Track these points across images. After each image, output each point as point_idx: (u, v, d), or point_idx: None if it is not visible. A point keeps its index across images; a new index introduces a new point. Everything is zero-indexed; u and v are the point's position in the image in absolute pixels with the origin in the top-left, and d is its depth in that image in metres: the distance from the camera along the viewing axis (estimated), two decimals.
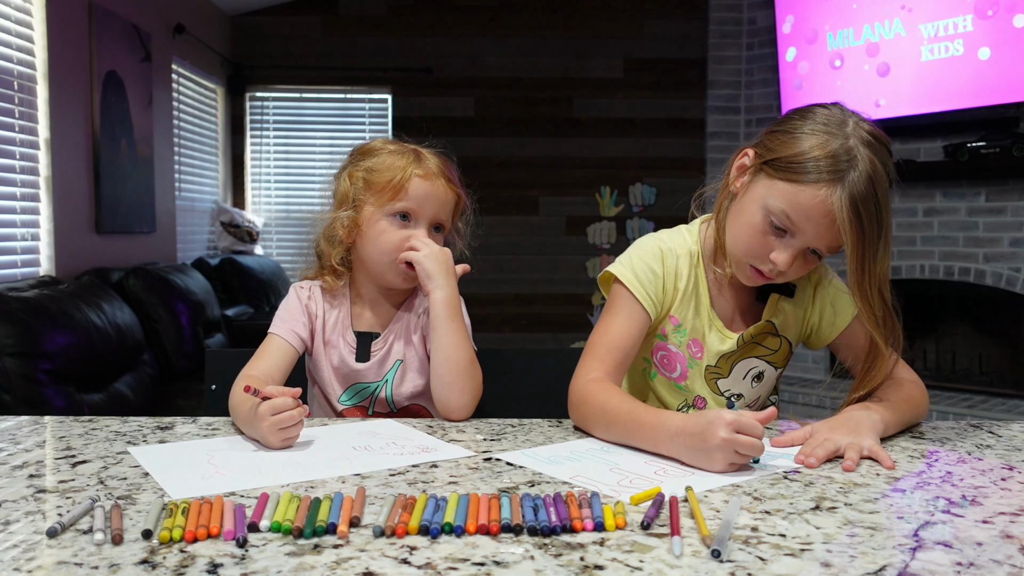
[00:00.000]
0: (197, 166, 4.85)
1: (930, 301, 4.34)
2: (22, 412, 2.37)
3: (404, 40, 5.26)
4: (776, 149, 1.16)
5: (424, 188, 1.31)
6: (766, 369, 1.32)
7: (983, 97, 3.78)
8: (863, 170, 1.10)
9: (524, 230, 5.36)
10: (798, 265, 1.18)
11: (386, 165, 1.32)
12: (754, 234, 1.17)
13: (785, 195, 1.13)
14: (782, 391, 4.30)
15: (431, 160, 1.35)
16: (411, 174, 1.30)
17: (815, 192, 1.10)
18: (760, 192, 1.16)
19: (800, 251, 1.15)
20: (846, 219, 1.09)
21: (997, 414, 3.78)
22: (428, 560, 0.69)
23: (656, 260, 1.27)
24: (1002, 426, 1.20)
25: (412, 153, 1.34)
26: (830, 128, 1.13)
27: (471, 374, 1.25)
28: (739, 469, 0.96)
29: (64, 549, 0.70)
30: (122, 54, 3.77)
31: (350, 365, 1.34)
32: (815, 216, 1.11)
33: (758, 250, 1.17)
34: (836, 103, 1.18)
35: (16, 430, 1.13)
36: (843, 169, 1.10)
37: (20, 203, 3.08)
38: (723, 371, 1.30)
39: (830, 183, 1.09)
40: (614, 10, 5.28)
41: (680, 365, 1.30)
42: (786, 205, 1.13)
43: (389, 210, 1.30)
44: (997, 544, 0.73)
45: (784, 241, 1.15)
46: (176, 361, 3.45)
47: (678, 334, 1.29)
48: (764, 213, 1.15)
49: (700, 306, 1.28)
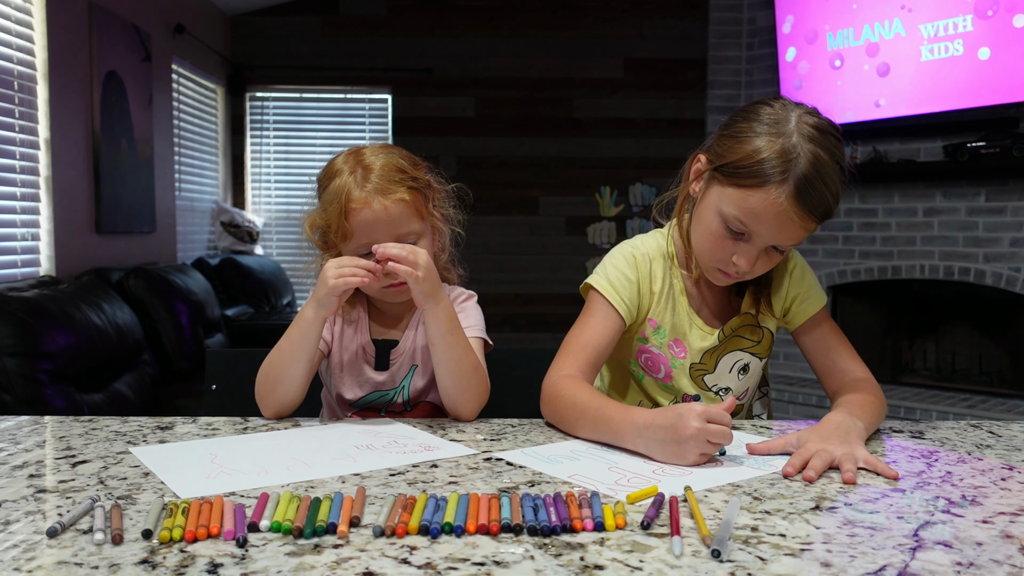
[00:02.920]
0: (197, 166, 4.85)
1: (930, 301, 4.35)
2: (22, 412, 2.37)
3: (404, 40, 5.26)
4: (724, 154, 1.17)
5: (364, 218, 1.23)
6: (751, 361, 1.34)
7: (983, 97, 3.78)
8: (807, 165, 1.10)
9: (524, 230, 5.36)
10: (762, 262, 1.20)
11: (327, 206, 1.26)
12: (714, 240, 1.19)
13: (736, 201, 1.15)
14: (782, 391, 4.33)
15: (372, 172, 1.25)
16: (348, 208, 1.23)
17: (764, 196, 1.12)
18: (714, 199, 1.19)
19: (760, 250, 1.18)
20: (795, 216, 1.11)
21: (997, 414, 3.78)
22: (428, 560, 0.69)
23: (629, 266, 1.29)
24: (1002, 426, 1.21)
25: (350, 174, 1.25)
26: (773, 128, 1.13)
27: (477, 380, 1.24)
28: (708, 461, 0.98)
29: (64, 549, 0.71)
30: (122, 54, 3.77)
31: (368, 375, 1.33)
32: (767, 218, 1.13)
33: (720, 254, 1.20)
34: (781, 98, 1.20)
35: (16, 430, 1.13)
36: (788, 169, 1.11)
37: (20, 203, 3.08)
38: (708, 367, 1.32)
39: (778, 184, 1.11)
40: (614, 10, 5.28)
41: (664, 366, 1.32)
42: (738, 211, 1.15)
43: (352, 251, 1.26)
44: (997, 544, 0.73)
45: (743, 244, 1.17)
46: (176, 361, 3.45)
47: (658, 336, 1.31)
48: (720, 219, 1.17)
49: (678, 306, 1.31)
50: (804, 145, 1.11)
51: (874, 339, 4.51)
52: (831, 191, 1.12)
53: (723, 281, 1.25)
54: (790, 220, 1.12)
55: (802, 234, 1.15)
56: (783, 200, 1.10)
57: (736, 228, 1.16)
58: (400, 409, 1.35)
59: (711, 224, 1.19)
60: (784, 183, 1.10)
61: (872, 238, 4.31)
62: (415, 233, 1.28)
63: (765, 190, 1.11)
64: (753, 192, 1.12)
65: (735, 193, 1.14)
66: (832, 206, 1.14)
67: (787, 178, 1.10)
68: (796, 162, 1.10)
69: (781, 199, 1.10)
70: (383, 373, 1.33)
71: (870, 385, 1.24)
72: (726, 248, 1.18)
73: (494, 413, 1.28)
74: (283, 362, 1.23)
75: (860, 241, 4.35)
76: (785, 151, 1.11)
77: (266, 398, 1.23)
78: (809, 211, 1.11)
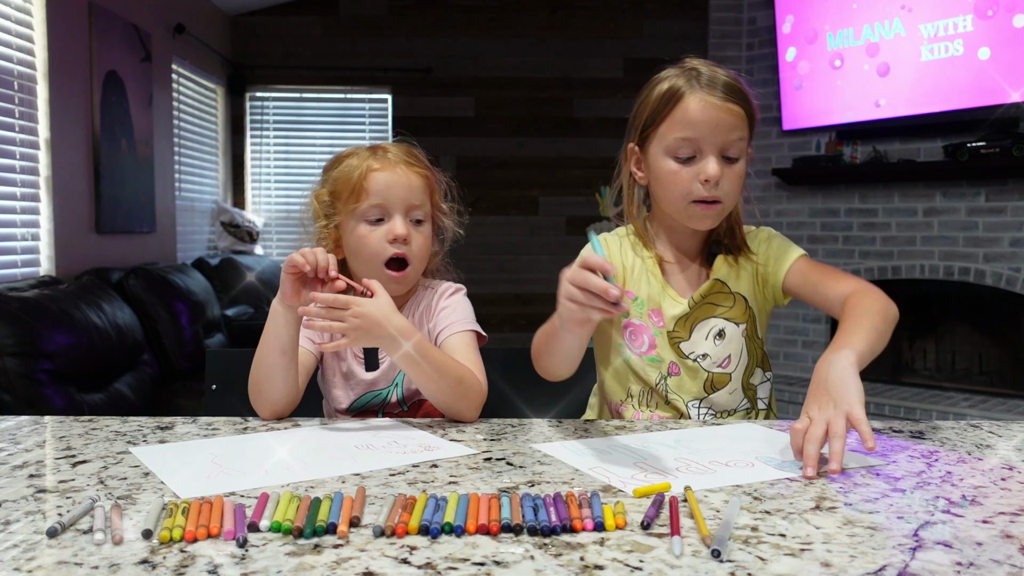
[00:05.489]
0: (197, 166, 4.85)
1: (930, 301, 4.34)
2: (22, 412, 2.37)
3: (404, 40, 5.26)
4: (641, 115, 1.32)
5: (385, 179, 1.28)
6: (726, 326, 1.36)
7: (983, 97, 3.78)
8: (704, 67, 1.28)
9: (524, 230, 5.36)
10: (728, 179, 1.27)
11: (345, 171, 1.30)
12: (675, 177, 1.28)
13: (668, 131, 1.27)
14: (782, 391, 4.33)
15: (390, 150, 1.33)
16: (367, 169, 1.28)
17: (684, 105, 1.26)
18: (656, 151, 1.30)
19: (717, 159, 1.26)
20: (718, 104, 1.24)
21: (997, 414, 3.78)
22: (428, 560, 0.69)
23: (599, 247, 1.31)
24: (1002, 426, 1.20)
25: (368, 151, 1.33)
26: (667, 71, 1.31)
27: (466, 389, 1.21)
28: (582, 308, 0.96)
29: (64, 549, 0.71)
30: (122, 54, 3.77)
31: (359, 376, 1.33)
32: (698, 121, 1.25)
33: (687, 184, 1.27)
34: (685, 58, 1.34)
35: (16, 430, 1.13)
36: (691, 77, 1.27)
37: (20, 203, 3.08)
38: (683, 334, 1.35)
39: (689, 90, 1.26)
40: (614, 10, 5.28)
41: (647, 336, 1.36)
42: (675, 134, 1.26)
43: (360, 214, 1.28)
44: (997, 544, 0.73)
45: (699, 162, 1.27)
46: (176, 361, 3.45)
47: (637, 306, 1.36)
48: (668, 158, 1.28)
49: (652, 278, 1.36)
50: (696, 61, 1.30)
51: None
52: (730, 76, 1.28)
53: (705, 215, 1.29)
54: (716, 110, 1.24)
55: (738, 123, 1.26)
56: (700, 96, 1.25)
57: (684, 153, 1.26)
58: (396, 409, 1.35)
59: (664, 167, 1.29)
60: (693, 86, 1.26)
61: (872, 238, 4.31)
62: (424, 214, 1.32)
63: (683, 102, 1.26)
64: (675, 111, 1.26)
65: (665, 127, 1.28)
66: (739, 87, 1.28)
67: (692, 80, 1.26)
68: (695, 71, 1.28)
69: (697, 95, 1.25)
70: (373, 373, 1.33)
71: (860, 294, 1.22)
72: (688, 176, 1.27)
73: (494, 413, 1.28)
74: (262, 360, 1.22)
75: (860, 241, 4.35)
76: (684, 72, 1.29)
77: (257, 399, 1.23)
78: (726, 95, 1.25)
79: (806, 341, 4.59)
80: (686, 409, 1.35)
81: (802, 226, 4.53)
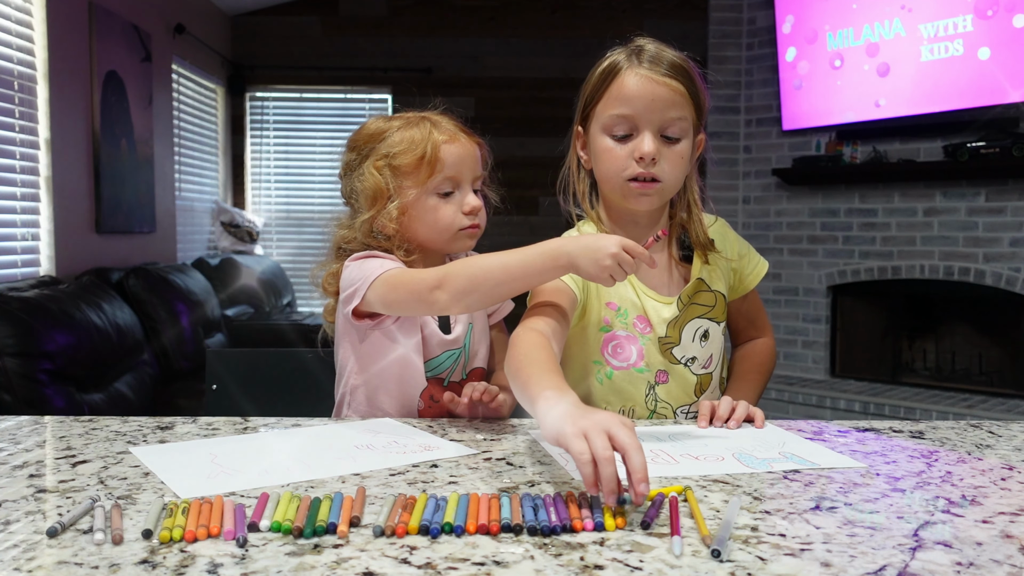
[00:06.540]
0: (197, 166, 4.85)
1: (930, 301, 4.35)
2: (22, 412, 2.37)
3: (404, 40, 5.26)
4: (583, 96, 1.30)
5: (455, 151, 1.27)
6: (709, 327, 1.35)
7: (983, 97, 3.78)
8: (644, 41, 1.25)
9: (524, 230, 5.34)
10: (668, 160, 1.24)
11: (407, 143, 1.26)
12: (611, 155, 1.25)
13: (606, 107, 1.24)
14: (782, 391, 4.33)
15: (443, 122, 1.31)
16: (438, 142, 1.26)
17: (621, 81, 1.23)
18: (596, 129, 1.27)
19: (654, 137, 1.22)
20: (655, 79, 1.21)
21: (997, 414, 3.78)
22: (428, 560, 0.69)
23: None
24: (1002, 426, 1.21)
25: (423, 121, 1.29)
26: (614, 49, 1.28)
27: None
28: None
29: (64, 549, 0.71)
30: (122, 54, 3.77)
31: (440, 335, 1.29)
32: (635, 97, 1.22)
33: (624, 161, 1.24)
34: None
35: (16, 430, 1.13)
36: (631, 52, 1.24)
37: (20, 203, 3.08)
38: (674, 339, 1.32)
39: (628, 66, 1.23)
40: (614, 10, 5.28)
41: (634, 346, 1.30)
42: (611, 112, 1.23)
43: (434, 187, 1.26)
44: (997, 544, 0.73)
45: (635, 140, 1.24)
46: (176, 361, 3.45)
47: (621, 317, 1.30)
48: (605, 135, 1.25)
49: (629, 281, 1.30)
50: (643, 41, 1.27)
51: (874, 339, 4.51)
52: (678, 56, 1.24)
53: (642, 194, 1.25)
54: (654, 85, 1.21)
55: (678, 100, 1.22)
56: (637, 71, 1.22)
57: (620, 130, 1.24)
58: (459, 378, 1.31)
59: (602, 145, 1.26)
60: (632, 62, 1.23)
61: (872, 238, 4.31)
62: (484, 185, 1.33)
63: (620, 77, 1.23)
64: (613, 86, 1.23)
65: (602, 104, 1.25)
66: (685, 66, 1.24)
67: (632, 56, 1.24)
68: (639, 48, 1.25)
69: (635, 71, 1.22)
70: (449, 335, 1.30)
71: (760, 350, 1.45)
72: (623, 153, 1.24)
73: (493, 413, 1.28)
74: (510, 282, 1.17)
75: (860, 241, 4.35)
76: (628, 49, 1.26)
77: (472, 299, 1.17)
78: (665, 71, 1.21)
79: (806, 341, 4.59)
80: (675, 419, 1.31)
81: (802, 226, 4.53)
